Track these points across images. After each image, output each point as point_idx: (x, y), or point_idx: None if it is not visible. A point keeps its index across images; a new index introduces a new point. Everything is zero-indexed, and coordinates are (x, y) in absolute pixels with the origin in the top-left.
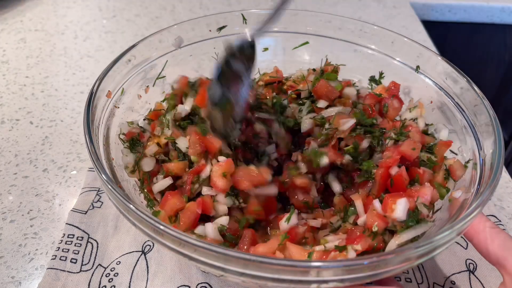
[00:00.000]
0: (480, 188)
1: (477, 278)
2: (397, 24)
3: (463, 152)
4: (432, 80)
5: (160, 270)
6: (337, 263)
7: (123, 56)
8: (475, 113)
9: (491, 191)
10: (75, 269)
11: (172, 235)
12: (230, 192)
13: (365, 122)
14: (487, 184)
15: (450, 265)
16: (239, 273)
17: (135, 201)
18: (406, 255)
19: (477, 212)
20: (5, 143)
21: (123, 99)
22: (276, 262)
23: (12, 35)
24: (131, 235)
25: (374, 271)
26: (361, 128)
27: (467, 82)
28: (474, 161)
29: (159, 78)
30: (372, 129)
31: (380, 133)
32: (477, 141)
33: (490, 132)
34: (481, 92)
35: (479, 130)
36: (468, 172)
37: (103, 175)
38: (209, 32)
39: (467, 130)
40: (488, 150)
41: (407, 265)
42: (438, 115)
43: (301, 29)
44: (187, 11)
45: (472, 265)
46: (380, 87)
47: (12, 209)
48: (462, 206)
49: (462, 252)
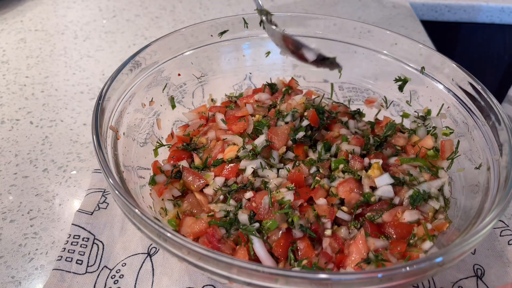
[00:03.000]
0: (497, 194)
1: (484, 284)
2: (397, 24)
3: (471, 154)
4: (439, 81)
5: (165, 272)
6: (345, 276)
7: (132, 59)
8: (484, 116)
9: (507, 201)
10: (81, 271)
11: (177, 242)
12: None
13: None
14: (504, 192)
15: (457, 270)
16: (245, 283)
17: (141, 202)
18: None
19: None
20: (5, 143)
21: (132, 103)
22: (285, 274)
23: (12, 35)
24: (137, 237)
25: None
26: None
27: (475, 83)
28: (488, 165)
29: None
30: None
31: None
32: (489, 144)
33: (504, 135)
34: (490, 93)
35: (490, 134)
36: (482, 176)
37: (110, 180)
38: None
39: (478, 133)
40: (504, 155)
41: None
42: (444, 117)
43: (310, 33)
44: (187, 11)
45: (480, 271)
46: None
47: (12, 209)
48: (480, 213)
49: (470, 257)
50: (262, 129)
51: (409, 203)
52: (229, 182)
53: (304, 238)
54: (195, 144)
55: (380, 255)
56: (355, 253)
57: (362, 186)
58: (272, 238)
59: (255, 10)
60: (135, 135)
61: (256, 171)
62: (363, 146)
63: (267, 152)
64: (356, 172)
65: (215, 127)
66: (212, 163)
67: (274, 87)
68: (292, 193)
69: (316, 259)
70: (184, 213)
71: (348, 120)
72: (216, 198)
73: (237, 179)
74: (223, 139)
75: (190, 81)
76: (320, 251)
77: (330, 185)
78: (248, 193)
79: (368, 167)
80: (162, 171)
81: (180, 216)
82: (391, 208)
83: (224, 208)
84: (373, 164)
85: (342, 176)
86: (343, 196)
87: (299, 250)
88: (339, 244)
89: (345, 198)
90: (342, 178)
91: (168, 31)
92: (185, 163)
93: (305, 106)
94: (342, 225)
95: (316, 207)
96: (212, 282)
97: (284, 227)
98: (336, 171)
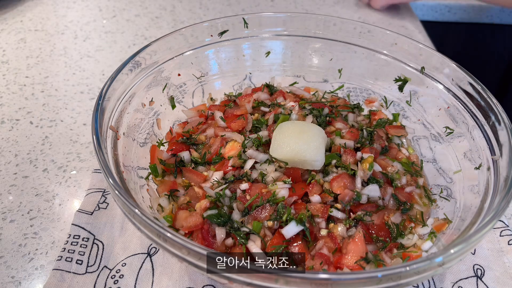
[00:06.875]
0: (497, 194)
1: (484, 284)
2: (397, 24)
3: (471, 154)
4: (439, 81)
5: (165, 272)
6: (345, 276)
7: (132, 59)
8: (484, 116)
9: (507, 201)
10: (81, 271)
11: (177, 242)
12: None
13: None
14: (503, 194)
15: (457, 270)
16: (245, 283)
17: (141, 203)
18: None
19: (491, 226)
20: (5, 143)
21: (132, 103)
22: (285, 274)
23: (12, 35)
24: (136, 237)
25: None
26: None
27: (475, 83)
28: (488, 165)
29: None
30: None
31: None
32: (489, 144)
33: (504, 135)
34: (490, 93)
35: (490, 133)
36: (482, 176)
37: (110, 180)
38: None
39: (478, 133)
40: (504, 154)
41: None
42: (444, 117)
43: (309, 33)
44: (187, 11)
45: (480, 271)
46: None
47: (12, 209)
48: (478, 213)
49: (470, 257)
50: (261, 127)
51: (395, 204)
52: (227, 176)
53: (298, 238)
54: (194, 139)
55: (377, 256)
56: (354, 252)
57: (355, 180)
58: (266, 238)
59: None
60: (135, 135)
61: (254, 165)
62: (357, 139)
63: (266, 148)
64: (349, 167)
65: (214, 124)
66: (213, 159)
67: (273, 88)
68: (287, 188)
69: (312, 262)
70: (179, 207)
71: (347, 114)
72: (215, 189)
73: (235, 172)
74: (221, 136)
75: (190, 81)
76: (315, 253)
77: (325, 180)
78: (244, 184)
79: (360, 160)
80: (163, 162)
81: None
82: (379, 211)
83: (218, 190)
84: (366, 158)
85: (336, 171)
86: (338, 191)
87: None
88: (335, 243)
89: (340, 193)
90: (336, 173)
91: (168, 31)
92: (186, 154)
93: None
94: (337, 222)
95: (309, 207)
96: (212, 282)
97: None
98: (329, 166)
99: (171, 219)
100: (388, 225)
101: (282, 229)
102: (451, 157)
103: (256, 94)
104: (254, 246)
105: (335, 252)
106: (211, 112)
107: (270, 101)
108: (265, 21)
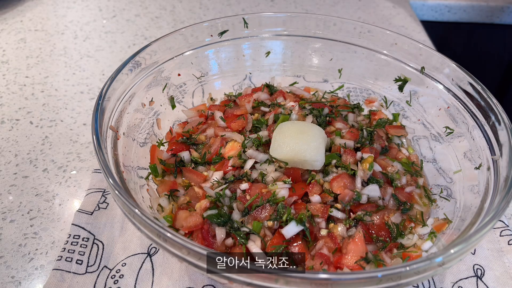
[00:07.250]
0: (497, 194)
1: (484, 284)
2: (397, 24)
3: (471, 154)
4: (439, 81)
5: (165, 272)
6: (345, 276)
7: (132, 59)
8: (484, 116)
9: (507, 201)
10: (81, 271)
11: (177, 242)
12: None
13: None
14: (503, 194)
15: (457, 270)
16: (245, 283)
17: (141, 203)
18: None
19: (490, 226)
20: (5, 143)
21: (132, 103)
22: (285, 274)
23: (12, 35)
24: (136, 237)
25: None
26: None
27: (475, 83)
28: (488, 165)
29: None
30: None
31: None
32: (489, 144)
33: (504, 135)
34: (490, 93)
35: (490, 133)
36: (482, 176)
37: (110, 180)
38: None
39: (478, 133)
40: (504, 154)
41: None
42: (444, 117)
43: (309, 33)
44: (187, 11)
45: (480, 271)
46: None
47: (12, 209)
48: (479, 213)
49: (470, 257)
50: (261, 127)
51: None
52: (227, 176)
53: (298, 238)
54: (194, 139)
55: (377, 256)
56: (354, 252)
57: (355, 180)
58: (266, 238)
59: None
60: (135, 135)
61: (254, 165)
62: (357, 139)
63: (266, 148)
64: (349, 167)
65: (214, 124)
66: (213, 159)
67: (273, 88)
68: (287, 188)
69: (312, 262)
70: (179, 207)
71: (347, 114)
72: (215, 189)
73: (235, 172)
74: (221, 136)
75: (190, 81)
76: (315, 253)
77: (325, 180)
78: (244, 184)
79: (360, 160)
80: (163, 162)
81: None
82: (379, 211)
83: (218, 190)
84: (366, 158)
85: (336, 171)
86: (338, 191)
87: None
88: (335, 243)
89: (340, 193)
90: (336, 173)
91: (168, 31)
92: (186, 154)
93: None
94: (337, 222)
95: (309, 207)
96: (212, 282)
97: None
98: (329, 166)
99: (171, 219)
100: (388, 225)
101: (282, 229)
102: (451, 157)
103: (256, 94)
104: (254, 246)
105: (335, 252)
106: (211, 112)
107: (270, 101)
108: (265, 21)
